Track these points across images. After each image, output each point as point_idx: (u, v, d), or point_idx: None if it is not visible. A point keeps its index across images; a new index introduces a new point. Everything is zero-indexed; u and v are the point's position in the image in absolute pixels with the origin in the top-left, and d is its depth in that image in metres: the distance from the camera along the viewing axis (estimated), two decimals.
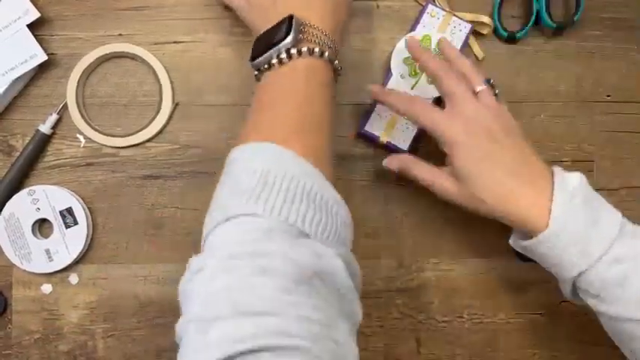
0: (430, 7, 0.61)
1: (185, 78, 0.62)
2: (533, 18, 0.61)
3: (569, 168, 0.62)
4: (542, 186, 0.49)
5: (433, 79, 0.54)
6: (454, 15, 0.61)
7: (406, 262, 0.62)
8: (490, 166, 0.49)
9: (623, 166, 0.63)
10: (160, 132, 0.61)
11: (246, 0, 0.53)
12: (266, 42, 0.48)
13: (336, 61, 0.48)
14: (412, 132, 0.60)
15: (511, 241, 0.53)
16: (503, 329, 0.62)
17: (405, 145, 0.60)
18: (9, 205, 0.60)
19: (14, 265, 0.60)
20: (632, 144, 0.63)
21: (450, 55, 0.55)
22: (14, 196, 0.60)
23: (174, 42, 0.62)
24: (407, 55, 0.60)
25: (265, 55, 0.47)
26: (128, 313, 0.61)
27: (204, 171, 0.62)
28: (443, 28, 0.61)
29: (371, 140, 0.61)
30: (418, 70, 0.60)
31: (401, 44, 0.61)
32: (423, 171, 0.54)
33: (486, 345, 0.62)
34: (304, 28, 0.47)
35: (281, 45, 0.46)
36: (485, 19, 0.61)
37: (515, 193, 0.49)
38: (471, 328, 0.62)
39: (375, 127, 0.60)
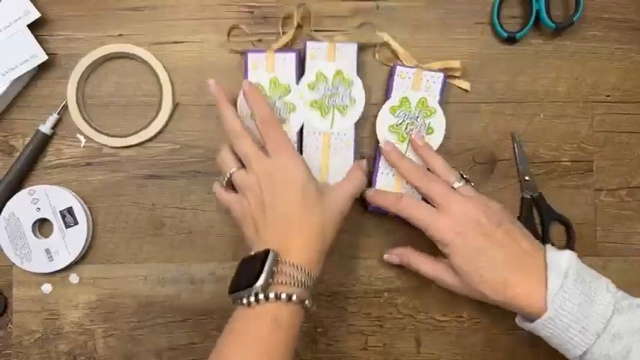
0: (398, 68, 0.60)
1: (185, 78, 0.62)
2: (532, 18, 0.61)
3: (568, 168, 0.63)
4: (536, 271, 0.51)
5: (413, 186, 0.56)
6: (423, 69, 0.60)
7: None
8: (484, 261, 0.51)
9: (623, 167, 0.63)
10: (160, 132, 0.62)
11: (240, 207, 0.53)
12: (241, 278, 0.49)
13: (307, 301, 0.49)
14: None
15: (517, 321, 0.54)
16: (503, 329, 0.62)
17: None
18: (9, 205, 0.60)
19: (14, 264, 0.60)
20: (631, 144, 0.63)
21: (423, 155, 0.57)
22: (14, 196, 0.60)
23: (175, 42, 0.62)
24: (391, 122, 0.59)
25: (235, 295, 0.49)
26: (128, 313, 0.61)
27: (204, 171, 0.62)
28: (417, 86, 0.60)
29: (382, 214, 0.60)
30: (405, 135, 0.59)
31: (382, 112, 0.60)
32: (424, 265, 0.57)
33: (486, 345, 0.62)
34: (278, 267, 0.48)
35: (252, 288, 0.47)
36: (455, 63, 0.61)
37: (512, 283, 0.51)
38: (470, 328, 0.62)
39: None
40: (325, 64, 0.59)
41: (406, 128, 0.59)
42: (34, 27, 0.60)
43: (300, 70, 0.60)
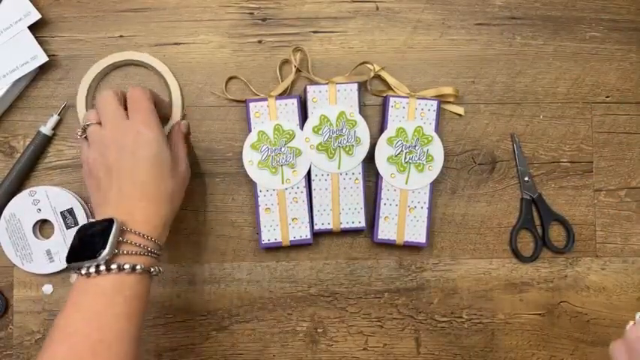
0: (391, 99, 0.60)
1: (186, 79, 0.62)
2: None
3: (568, 169, 0.63)
4: None
5: None
6: (417, 97, 0.60)
7: (406, 263, 0.62)
8: None
9: (622, 167, 0.63)
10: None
11: (86, 160, 0.52)
12: (83, 247, 0.47)
13: (152, 269, 0.48)
14: (424, 223, 0.60)
15: None
16: (503, 329, 0.62)
17: (422, 238, 0.60)
18: (10, 206, 0.60)
19: (15, 265, 0.61)
20: (630, 144, 0.63)
21: None
22: (15, 197, 0.60)
23: (175, 43, 0.62)
24: (389, 153, 0.60)
25: (74, 265, 0.46)
26: None
27: (204, 172, 0.62)
28: (412, 115, 0.60)
29: (390, 244, 0.61)
30: (404, 164, 0.60)
31: (380, 144, 0.60)
32: None
33: (485, 345, 0.62)
34: (124, 236, 0.47)
35: (94, 260, 0.45)
36: (447, 89, 0.61)
37: None
38: (470, 329, 0.62)
39: (387, 231, 0.60)
40: (328, 107, 0.59)
41: (405, 158, 0.59)
42: (34, 28, 0.60)
43: (303, 115, 0.60)
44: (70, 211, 0.60)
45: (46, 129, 0.60)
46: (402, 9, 0.63)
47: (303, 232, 0.60)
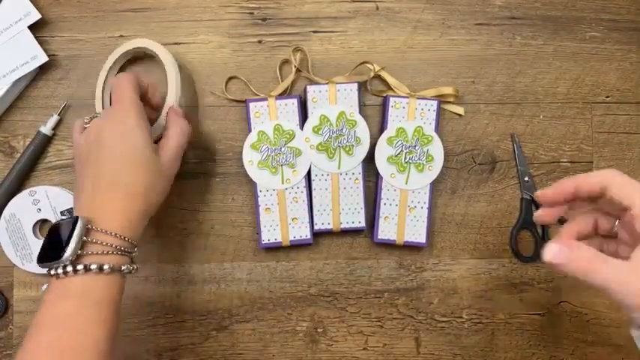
0: (391, 99, 0.60)
1: (186, 79, 0.62)
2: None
3: (567, 169, 0.63)
4: None
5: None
6: (417, 97, 0.60)
7: (406, 262, 0.62)
8: None
9: (622, 167, 0.63)
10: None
11: (73, 155, 0.51)
12: (51, 247, 0.45)
13: (124, 267, 0.46)
14: (424, 223, 0.60)
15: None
16: (503, 329, 0.62)
17: (422, 238, 0.60)
18: (10, 206, 0.60)
19: (15, 265, 0.61)
20: (631, 144, 0.63)
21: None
22: (15, 197, 0.60)
23: (175, 43, 0.62)
24: (389, 153, 0.60)
25: (45, 265, 0.45)
26: (129, 313, 0.61)
27: (204, 172, 0.62)
28: (412, 115, 0.60)
29: (390, 244, 0.61)
30: (404, 164, 0.60)
31: (380, 144, 0.60)
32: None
33: (485, 345, 0.62)
34: (90, 236, 0.45)
35: (59, 261, 0.44)
36: (447, 89, 0.61)
37: None
38: (470, 329, 0.62)
39: (387, 231, 0.60)
40: (328, 107, 0.59)
41: (405, 158, 0.59)
42: (34, 28, 0.60)
43: (303, 115, 0.60)
44: (70, 211, 0.60)
45: (46, 129, 0.60)
46: (402, 9, 0.63)
47: (303, 232, 0.60)
